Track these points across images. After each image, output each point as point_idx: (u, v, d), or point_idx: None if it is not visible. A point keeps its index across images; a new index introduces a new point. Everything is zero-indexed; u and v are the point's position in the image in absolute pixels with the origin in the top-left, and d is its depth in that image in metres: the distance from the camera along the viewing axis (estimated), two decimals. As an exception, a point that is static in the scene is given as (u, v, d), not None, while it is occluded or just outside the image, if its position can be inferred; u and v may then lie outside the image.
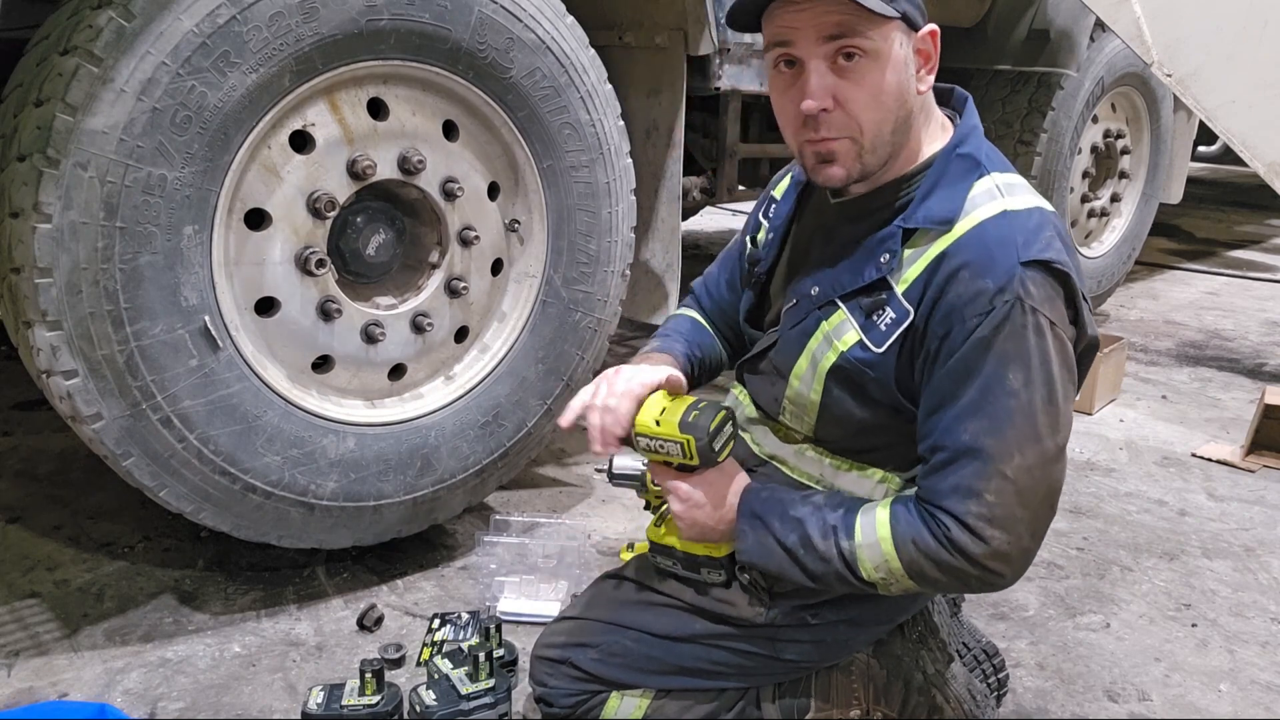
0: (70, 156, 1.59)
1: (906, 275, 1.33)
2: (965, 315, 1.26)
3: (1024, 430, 1.26)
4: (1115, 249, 4.70)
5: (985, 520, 1.26)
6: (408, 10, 1.86)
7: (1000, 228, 1.28)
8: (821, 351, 1.41)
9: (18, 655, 1.86)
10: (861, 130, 1.31)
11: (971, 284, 1.26)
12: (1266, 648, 2.09)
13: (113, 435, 1.73)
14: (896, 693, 1.58)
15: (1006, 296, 1.24)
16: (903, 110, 1.32)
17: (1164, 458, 3.11)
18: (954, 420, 1.28)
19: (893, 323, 1.33)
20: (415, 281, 2.14)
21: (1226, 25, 3.37)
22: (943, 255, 1.30)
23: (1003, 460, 1.25)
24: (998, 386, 1.25)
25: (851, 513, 1.36)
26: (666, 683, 1.55)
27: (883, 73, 1.29)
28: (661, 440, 1.41)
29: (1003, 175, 1.35)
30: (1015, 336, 1.24)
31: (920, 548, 1.30)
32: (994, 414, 1.26)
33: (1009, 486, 1.26)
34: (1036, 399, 1.26)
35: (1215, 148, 9.66)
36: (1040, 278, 1.26)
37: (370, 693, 1.68)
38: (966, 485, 1.26)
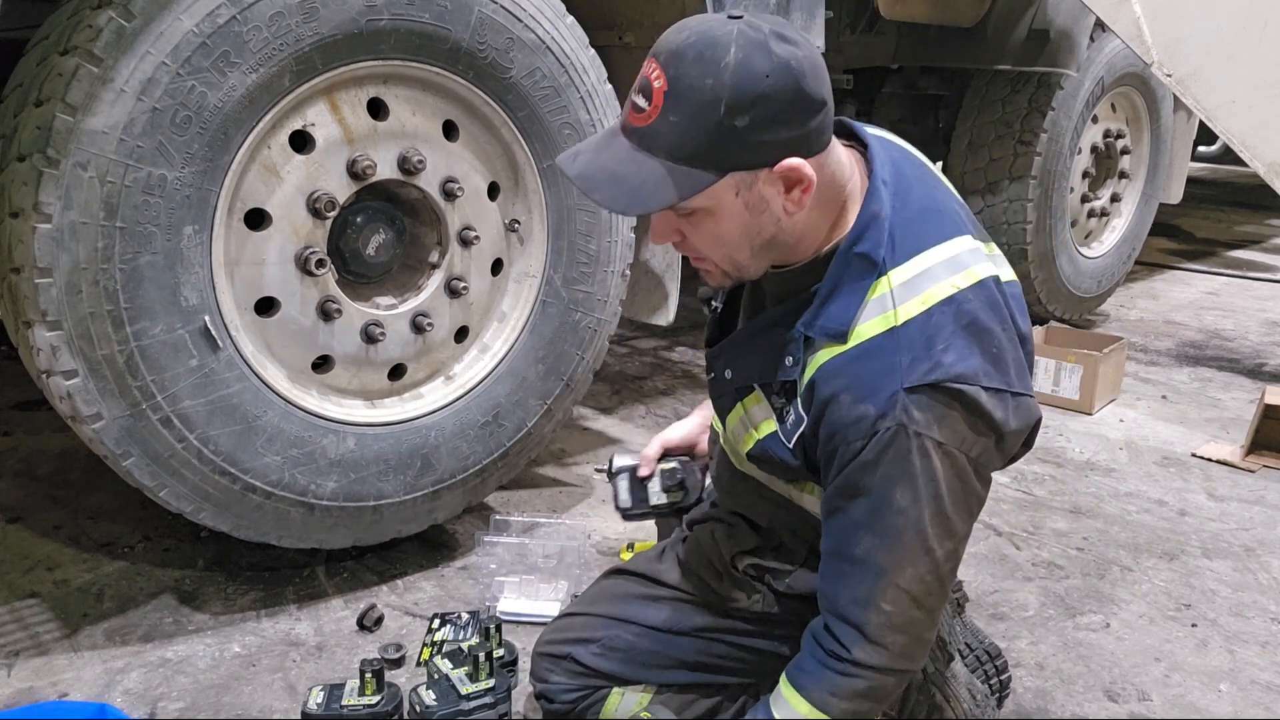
0: (70, 156, 1.59)
1: (802, 380, 1.30)
2: (849, 438, 1.23)
3: (914, 545, 1.25)
4: (1115, 249, 4.70)
5: (885, 628, 1.28)
6: (408, 10, 1.86)
7: (884, 350, 1.22)
8: (741, 431, 1.41)
9: (18, 655, 1.86)
10: (715, 259, 1.29)
11: (852, 409, 1.22)
12: (1266, 648, 2.09)
13: (113, 435, 1.73)
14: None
15: (888, 423, 1.20)
16: (757, 240, 1.25)
17: (1164, 458, 3.11)
18: (848, 532, 1.28)
19: (794, 424, 1.32)
20: (415, 281, 2.14)
21: (1226, 25, 3.37)
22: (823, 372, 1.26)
23: (896, 574, 1.26)
24: (885, 506, 1.24)
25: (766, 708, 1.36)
26: (667, 678, 1.56)
27: (718, 223, 1.23)
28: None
29: (903, 269, 1.25)
30: (899, 460, 1.21)
31: (839, 694, 1.30)
32: (883, 531, 1.25)
33: (904, 596, 1.27)
34: (925, 515, 1.24)
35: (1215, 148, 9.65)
36: (926, 400, 1.20)
37: (370, 693, 1.68)
38: (864, 597, 1.27)
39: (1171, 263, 6.12)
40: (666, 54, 1.15)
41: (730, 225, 1.23)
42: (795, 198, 1.21)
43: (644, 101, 1.17)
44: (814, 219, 1.27)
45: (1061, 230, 4.25)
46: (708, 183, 1.17)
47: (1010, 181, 4.05)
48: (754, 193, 1.20)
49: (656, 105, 1.15)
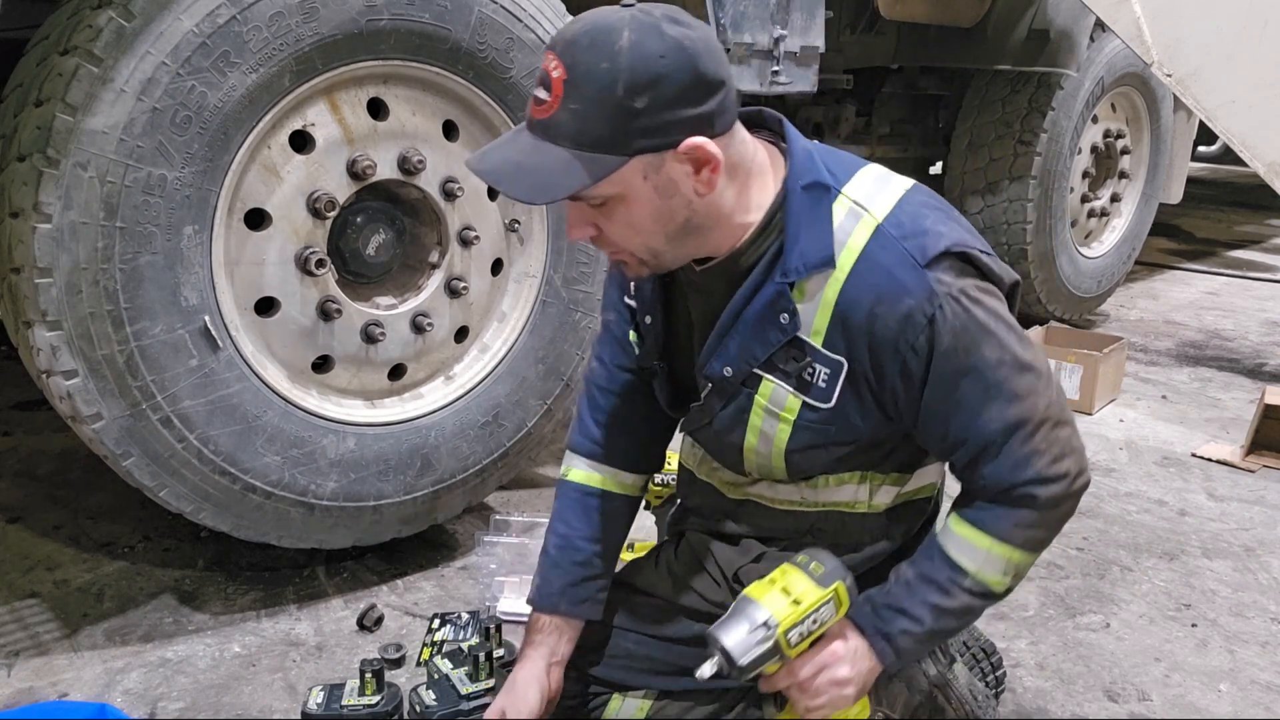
0: (70, 156, 1.59)
1: (816, 327, 1.29)
2: (909, 341, 1.25)
3: (1028, 380, 1.29)
4: (1115, 249, 4.70)
5: (1054, 462, 1.30)
6: (408, 10, 1.86)
7: (884, 248, 1.25)
8: (771, 427, 1.37)
9: (18, 655, 1.86)
10: (631, 249, 1.27)
11: (893, 313, 1.24)
12: (1266, 648, 2.09)
13: (113, 435, 1.73)
14: (899, 694, 1.58)
15: (935, 301, 1.23)
16: (671, 225, 1.25)
17: (1164, 458, 3.11)
18: (972, 420, 1.29)
19: (830, 376, 1.31)
20: (415, 281, 2.14)
21: (1226, 25, 3.37)
22: (845, 301, 1.26)
23: (1030, 414, 1.29)
24: (987, 368, 1.27)
25: (943, 555, 1.35)
26: (668, 684, 1.55)
27: (630, 209, 1.22)
28: (813, 614, 1.28)
29: (852, 184, 1.29)
30: (965, 324, 1.25)
31: (1025, 524, 1.32)
32: (1001, 390, 1.28)
33: (1046, 424, 1.30)
34: (1014, 349, 1.28)
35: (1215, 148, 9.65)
36: (946, 266, 1.25)
37: (370, 693, 1.68)
38: (1023, 454, 1.29)
39: (1171, 263, 6.12)
40: (562, 44, 1.16)
41: (642, 211, 1.22)
42: (704, 178, 1.21)
43: (544, 93, 1.17)
44: (727, 200, 1.27)
45: (1061, 230, 4.25)
46: (614, 166, 1.16)
47: (1010, 181, 4.05)
48: (662, 175, 1.20)
49: (557, 95, 1.16)
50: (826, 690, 1.33)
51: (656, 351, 1.48)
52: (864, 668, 1.35)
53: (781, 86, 2.90)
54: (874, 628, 1.35)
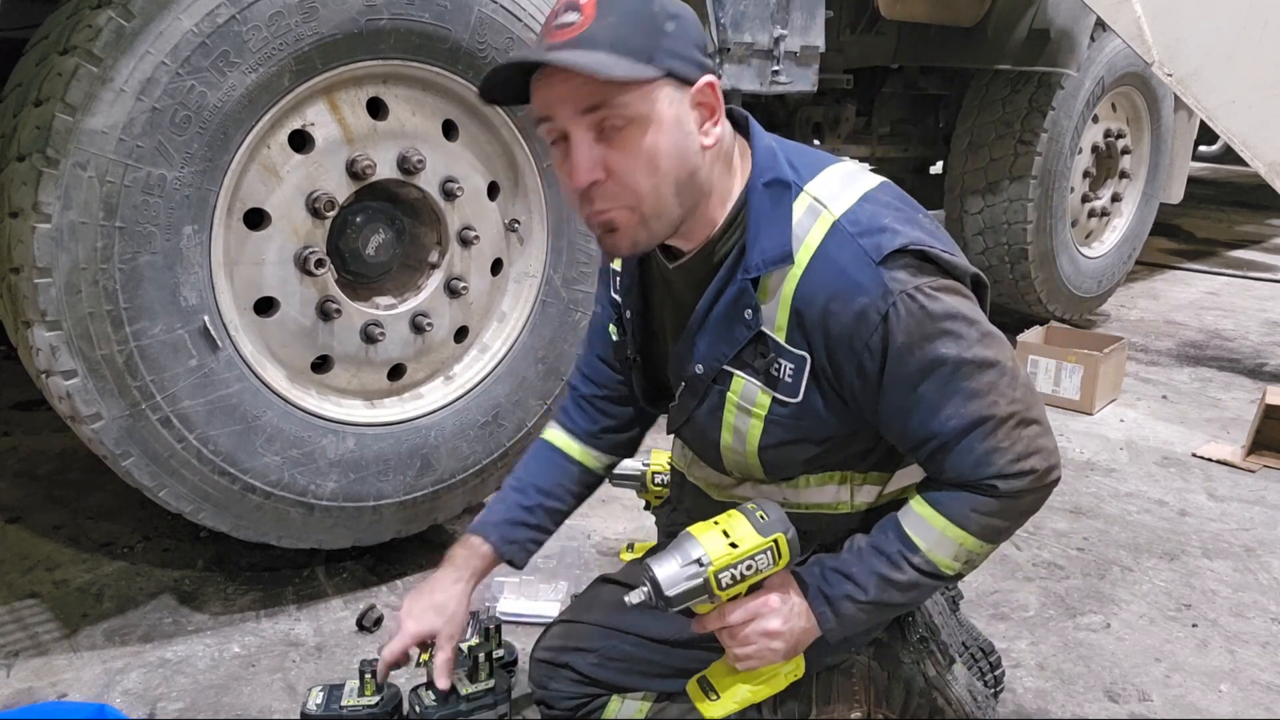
0: (70, 156, 1.59)
1: (779, 323, 1.30)
2: (864, 338, 1.25)
3: (988, 376, 1.28)
4: (1116, 249, 4.70)
5: (1017, 460, 1.29)
6: (407, 10, 1.86)
7: (839, 245, 1.25)
8: (744, 423, 1.38)
9: (18, 655, 1.86)
10: (639, 198, 1.23)
11: (847, 310, 1.24)
12: (1267, 648, 2.08)
13: (112, 435, 1.73)
14: (897, 695, 1.58)
15: (889, 299, 1.23)
16: (683, 170, 1.24)
17: (1164, 458, 3.11)
18: (930, 416, 1.29)
19: (795, 371, 1.31)
20: (415, 281, 2.13)
21: (1226, 25, 3.37)
22: (800, 298, 1.27)
23: (993, 409, 1.28)
24: (943, 366, 1.26)
25: (898, 530, 1.35)
26: (667, 686, 1.55)
27: (653, 136, 1.20)
28: (748, 560, 1.28)
29: (814, 183, 1.30)
30: (920, 321, 1.24)
31: (983, 511, 1.31)
32: (959, 386, 1.27)
33: (1011, 423, 1.29)
34: (973, 346, 1.27)
35: (1215, 148, 9.65)
36: (901, 263, 1.24)
37: (370, 693, 1.67)
38: (984, 451, 1.29)
39: (1172, 263, 6.12)
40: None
41: (664, 141, 1.21)
42: (708, 131, 1.25)
43: (573, 14, 1.19)
44: (716, 172, 1.29)
45: (1062, 230, 4.25)
46: (651, 75, 1.18)
47: (1010, 181, 4.05)
48: (682, 109, 1.22)
49: (589, 15, 1.18)
50: (755, 640, 1.32)
51: (634, 346, 1.51)
52: (798, 626, 1.34)
53: (781, 86, 2.89)
54: (817, 589, 1.36)
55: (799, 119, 3.83)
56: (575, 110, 1.20)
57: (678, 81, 1.21)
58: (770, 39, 2.81)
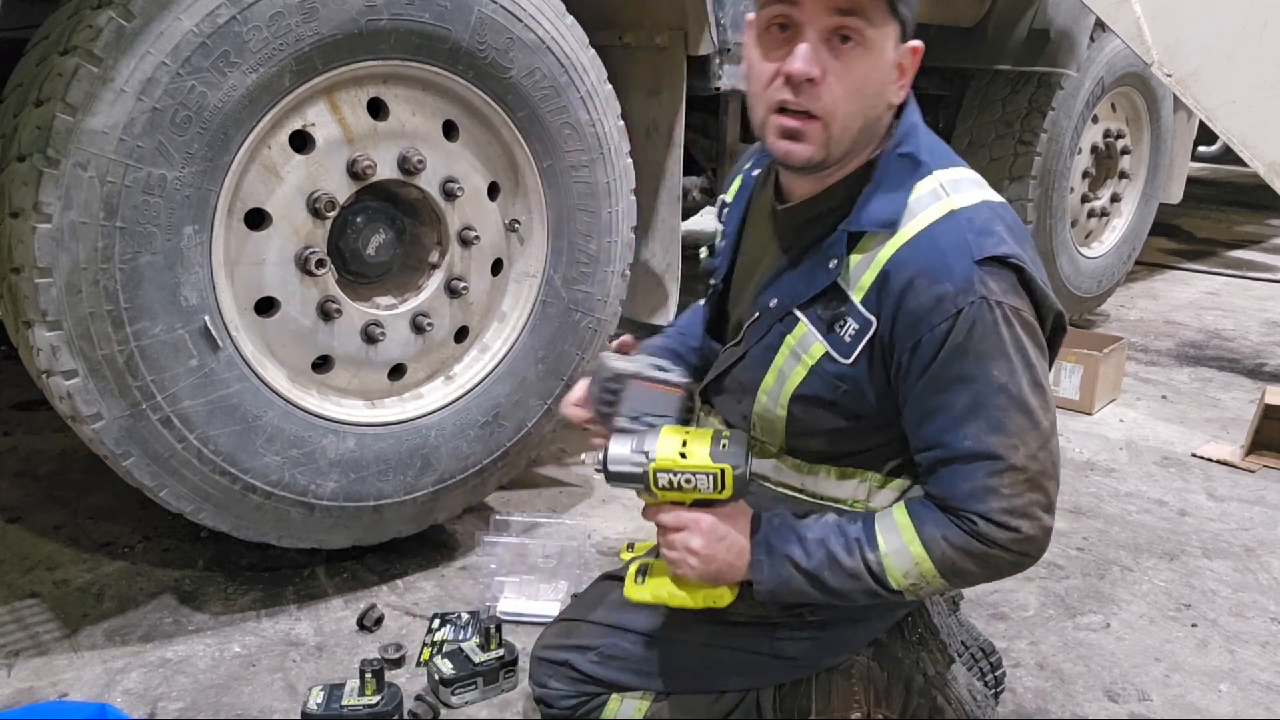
0: (70, 156, 1.59)
1: (861, 283, 1.32)
2: (931, 322, 1.26)
3: (1021, 421, 1.28)
4: (1115, 249, 4.70)
5: (1008, 513, 1.29)
6: (408, 10, 1.86)
7: (949, 230, 1.28)
8: (790, 367, 1.40)
9: (18, 655, 1.86)
10: (834, 115, 1.27)
11: (930, 290, 1.26)
12: (1266, 648, 2.09)
13: (113, 435, 1.73)
14: (897, 695, 1.58)
15: (970, 296, 1.25)
16: (874, 110, 1.31)
17: (1164, 458, 3.11)
18: (951, 426, 1.29)
19: (857, 333, 1.33)
20: (415, 281, 2.14)
21: (1226, 25, 3.37)
22: (893, 262, 1.29)
23: (1010, 454, 1.28)
24: (985, 386, 1.27)
25: (869, 523, 1.36)
26: (667, 684, 1.55)
27: (872, 64, 1.27)
28: (689, 474, 1.34)
29: (947, 172, 1.34)
30: (988, 334, 1.26)
31: (952, 543, 1.31)
32: (989, 414, 1.27)
33: (1020, 476, 1.28)
34: (1024, 386, 1.28)
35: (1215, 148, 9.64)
36: (996, 271, 1.27)
37: (370, 693, 1.68)
38: (982, 485, 1.28)
39: (1171, 263, 6.12)
40: None
41: (874, 73, 1.28)
42: (897, 88, 1.33)
43: None
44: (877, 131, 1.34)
45: (1061, 230, 4.25)
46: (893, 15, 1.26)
47: (1010, 181, 4.05)
48: (896, 55, 1.30)
49: None
50: (677, 548, 1.38)
51: (720, 275, 1.57)
52: (723, 556, 1.37)
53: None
54: (765, 537, 1.38)
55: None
56: (828, 7, 1.24)
57: (902, 33, 1.30)
58: (770, 39, 2.81)
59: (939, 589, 1.36)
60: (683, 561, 1.39)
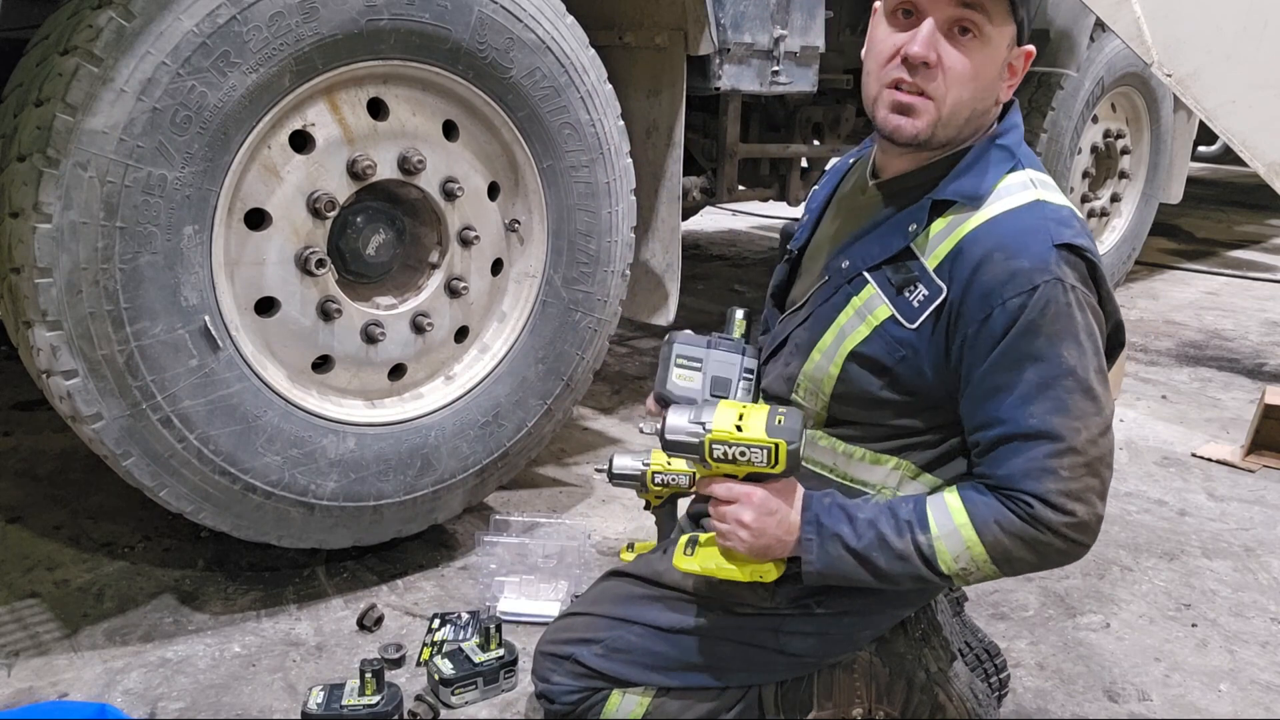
0: (70, 156, 1.59)
1: (937, 252, 1.36)
2: (1005, 296, 1.29)
3: (1085, 405, 1.30)
4: (1115, 249, 4.71)
5: (1065, 495, 1.30)
6: (408, 10, 1.86)
7: (1033, 214, 1.33)
8: (852, 326, 1.43)
9: (18, 655, 1.86)
10: (945, 100, 1.35)
11: (1006, 265, 1.30)
12: (1266, 648, 2.09)
13: (113, 435, 1.73)
14: (899, 691, 1.58)
15: (1045, 275, 1.28)
16: (982, 102, 1.38)
17: (1164, 458, 3.11)
18: (1016, 404, 1.30)
19: (925, 299, 1.36)
20: (415, 281, 2.14)
21: (1226, 25, 3.37)
22: (973, 236, 1.33)
23: (1072, 437, 1.29)
24: (1056, 366, 1.29)
25: (920, 506, 1.37)
26: (670, 679, 1.56)
27: (986, 58, 1.34)
28: (744, 446, 1.35)
29: (1038, 174, 1.41)
30: (1062, 315, 1.29)
31: (1005, 528, 1.32)
32: (1056, 394, 1.29)
33: (1080, 460, 1.30)
34: (1091, 371, 1.31)
35: (1215, 148, 9.65)
36: (1072, 259, 1.31)
37: (370, 693, 1.68)
38: (1040, 465, 1.30)
39: (1171, 263, 6.12)
40: None
41: (987, 66, 1.35)
42: (1006, 87, 1.40)
43: None
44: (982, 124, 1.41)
45: (1061, 230, 4.25)
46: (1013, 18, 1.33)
47: (1010, 181, 4.05)
48: (1007, 57, 1.37)
49: None
50: (728, 520, 1.40)
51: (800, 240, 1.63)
52: (772, 531, 1.39)
53: (781, 86, 2.90)
54: (815, 515, 1.39)
55: (799, 119, 3.83)
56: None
57: (1017, 35, 1.37)
58: (770, 39, 2.81)
59: (989, 575, 1.36)
60: (733, 534, 1.40)
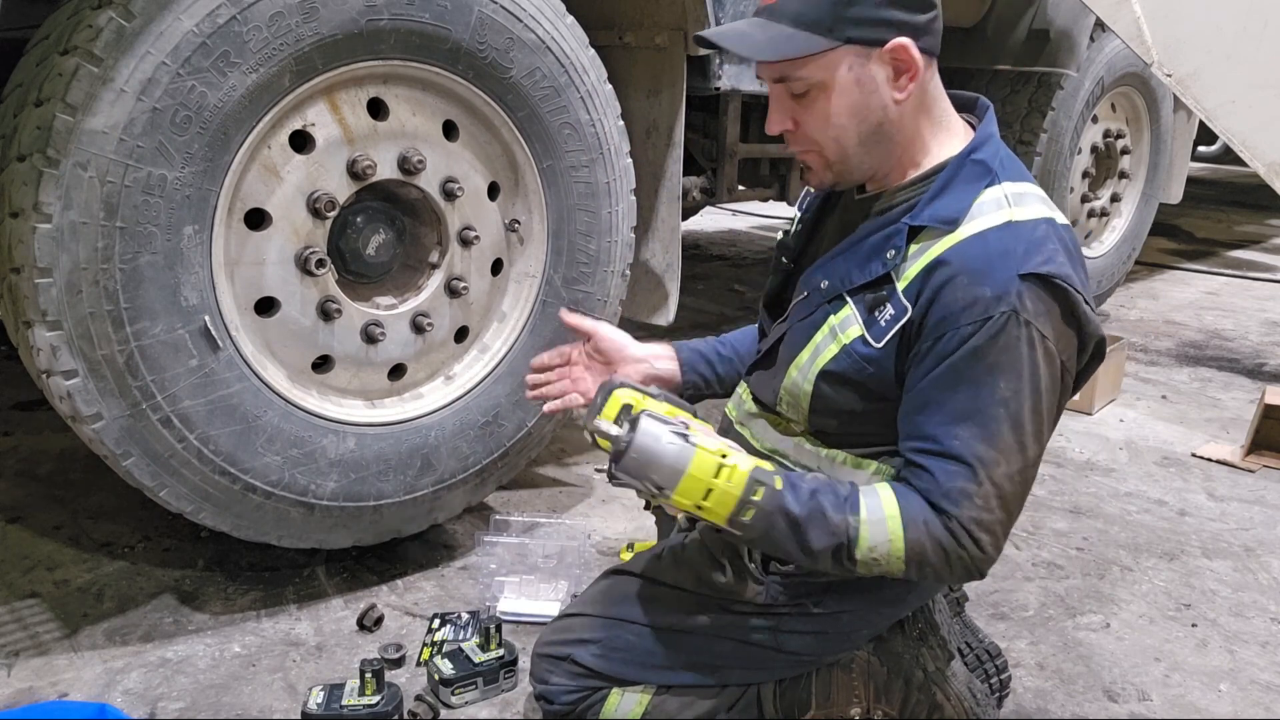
0: (70, 156, 1.59)
1: (907, 273, 1.36)
2: (960, 321, 1.29)
3: (1011, 440, 1.30)
4: (1115, 249, 4.70)
5: (976, 524, 1.31)
6: (408, 10, 1.86)
7: (1003, 238, 1.31)
8: (825, 345, 1.44)
9: (18, 655, 1.86)
10: (821, 146, 1.41)
11: (968, 291, 1.29)
12: (1266, 648, 2.09)
13: (113, 435, 1.73)
14: (897, 691, 1.58)
15: (1003, 307, 1.27)
16: (865, 125, 1.38)
17: (1164, 458, 3.11)
18: (945, 423, 1.31)
19: (892, 318, 1.36)
20: (415, 281, 2.14)
21: (1226, 25, 3.37)
22: (941, 259, 1.32)
23: (992, 467, 1.30)
24: (989, 395, 1.29)
25: (854, 490, 1.38)
26: (668, 678, 1.56)
27: (830, 99, 1.36)
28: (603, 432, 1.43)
29: (1015, 185, 1.38)
30: (1009, 348, 1.28)
31: (930, 532, 1.32)
32: (985, 422, 1.30)
33: (994, 492, 1.31)
34: (1025, 409, 1.30)
35: (1215, 148, 9.66)
36: (1038, 291, 1.29)
37: (370, 693, 1.68)
38: (960, 489, 1.31)
39: (1171, 263, 6.12)
40: None
41: (842, 102, 1.36)
42: (902, 85, 1.36)
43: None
44: (916, 124, 1.41)
45: (1061, 230, 4.24)
46: (826, 47, 1.32)
47: (1010, 181, 4.04)
48: (865, 71, 1.35)
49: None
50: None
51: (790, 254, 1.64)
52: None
53: (781, 86, 2.89)
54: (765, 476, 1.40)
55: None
56: (769, 77, 1.40)
57: (862, 46, 1.34)
58: (770, 39, 2.81)
59: (888, 571, 1.36)
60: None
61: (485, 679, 1.78)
